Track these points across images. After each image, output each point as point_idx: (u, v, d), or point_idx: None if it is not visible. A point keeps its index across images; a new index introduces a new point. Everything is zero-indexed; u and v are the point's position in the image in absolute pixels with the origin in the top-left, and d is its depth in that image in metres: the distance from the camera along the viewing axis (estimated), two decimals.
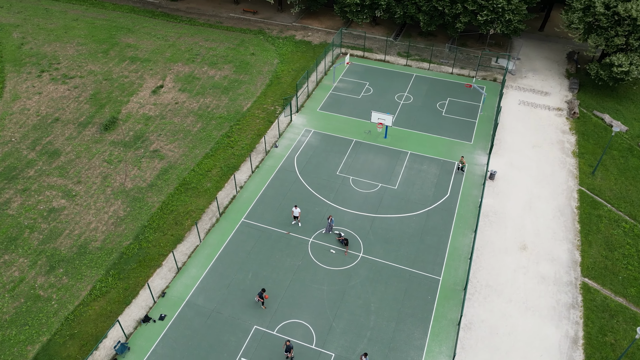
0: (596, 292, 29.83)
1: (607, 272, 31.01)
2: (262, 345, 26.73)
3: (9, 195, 35.03)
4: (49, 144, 39.79)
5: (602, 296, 29.64)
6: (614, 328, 27.99)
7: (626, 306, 29.18)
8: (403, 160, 39.30)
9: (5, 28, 56.13)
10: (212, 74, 49.11)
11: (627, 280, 30.54)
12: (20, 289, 28.94)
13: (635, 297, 29.68)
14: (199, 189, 36.03)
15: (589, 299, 29.44)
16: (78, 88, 46.52)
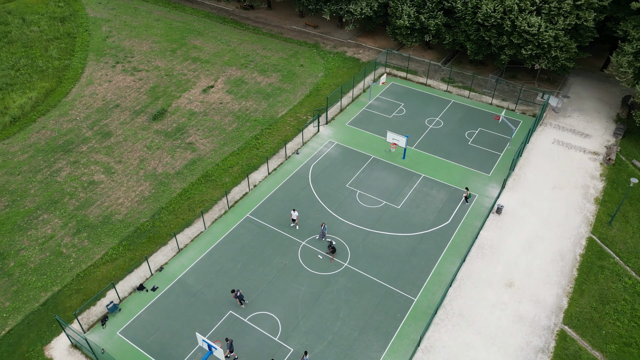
0: (572, 342, 29.09)
1: (590, 324, 30.04)
2: (232, 329, 29.39)
3: (61, 165, 40.90)
4: (105, 126, 45.62)
5: (577, 347, 28.87)
6: None
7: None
8: (414, 182, 40.26)
9: (98, 22, 64.26)
10: (259, 80, 52.99)
11: (610, 336, 29.40)
12: (49, 244, 34.07)
13: (614, 354, 28.54)
14: (217, 182, 39.64)
15: (562, 346, 28.82)
16: (142, 80, 52.48)
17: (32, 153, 42.11)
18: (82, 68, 54.25)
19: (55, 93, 50.02)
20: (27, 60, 54.53)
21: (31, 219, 35.89)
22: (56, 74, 52.69)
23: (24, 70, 52.69)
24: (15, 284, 31.36)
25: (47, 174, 39.96)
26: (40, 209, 36.80)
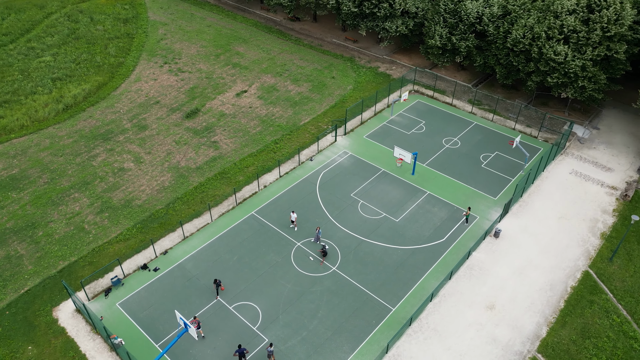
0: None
1: (566, 356, 29.85)
2: (216, 314, 31.89)
3: (99, 151, 45.49)
4: (143, 120, 50.04)
5: None
6: None
7: None
8: (418, 198, 41.23)
9: (156, 25, 69.91)
10: (290, 89, 55.80)
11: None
12: (74, 219, 38.27)
13: None
14: (231, 180, 42.58)
15: None
16: (183, 81, 56.82)
17: (76, 138, 47.10)
18: (133, 66, 59.49)
19: (106, 87, 55.31)
20: (87, 55, 60.59)
21: (64, 196, 40.40)
22: (110, 70, 58.18)
23: (83, 65, 58.61)
24: (39, 251, 35.64)
25: (85, 158, 44.64)
26: (74, 188, 41.30)
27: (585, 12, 43.99)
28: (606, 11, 42.59)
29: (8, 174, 42.49)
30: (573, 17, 44.08)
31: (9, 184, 41.48)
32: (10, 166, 43.40)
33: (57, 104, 51.26)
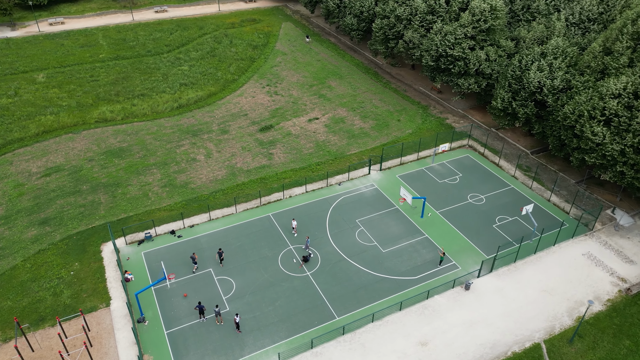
0: None
1: None
2: (203, 278, 40.45)
3: (185, 143, 58.17)
4: (228, 126, 61.88)
5: None
6: None
7: None
8: (414, 238, 44.96)
9: (277, 53, 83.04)
10: (355, 123, 62.92)
11: None
12: (144, 187, 50.71)
13: None
14: (267, 185, 51.28)
15: None
16: (274, 102, 67.84)
17: (175, 130, 60.67)
18: (242, 84, 72.59)
19: (214, 96, 68.98)
20: (213, 70, 75.65)
21: (146, 169, 53.39)
22: (223, 84, 72.06)
23: (206, 77, 73.55)
24: (113, 203, 48.49)
25: (173, 145, 57.65)
26: (155, 165, 54.15)
27: (631, 97, 43.25)
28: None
29: (119, 146, 57.32)
30: (617, 101, 43.67)
31: (116, 152, 56.11)
32: (123, 141, 58.36)
33: (174, 103, 66.10)
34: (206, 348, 35.14)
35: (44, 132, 59.45)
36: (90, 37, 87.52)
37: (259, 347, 35.23)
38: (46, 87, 69.60)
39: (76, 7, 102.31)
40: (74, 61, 77.81)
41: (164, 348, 35.11)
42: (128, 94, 68.16)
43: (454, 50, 59.87)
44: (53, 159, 54.75)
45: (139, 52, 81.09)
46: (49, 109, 63.77)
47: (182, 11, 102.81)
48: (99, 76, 73.00)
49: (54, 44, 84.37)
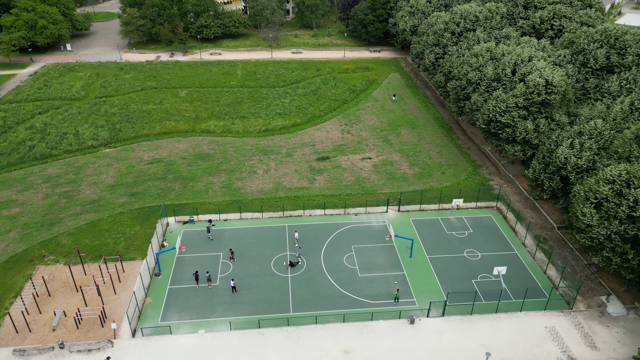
0: None
1: None
2: (213, 259, 52.14)
3: (254, 158, 71.65)
4: (294, 151, 73.80)
5: None
6: None
7: None
8: (392, 272, 50.61)
9: (369, 99, 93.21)
10: (401, 168, 69.50)
11: None
12: (208, 185, 65.04)
13: None
14: (296, 202, 61.40)
15: None
16: (342, 138, 77.88)
17: (252, 148, 74.83)
18: (325, 120, 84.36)
19: (296, 127, 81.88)
20: (307, 105, 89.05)
21: (216, 172, 67.98)
22: (309, 118, 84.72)
23: (299, 110, 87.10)
24: (181, 192, 63.66)
25: (245, 159, 71.63)
26: (224, 170, 68.53)
27: (624, 185, 43.27)
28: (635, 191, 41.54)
29: (207, 152, 73.40)
30: (609, 186, 44.02)
31: (203, 156, 72.15)
32: (212, 149, 74.40)
33: (263, 127, 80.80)
34: (188, 304, 46.55)
35: (163, 132, 78.98)
36: (232, 67, 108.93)
37: (221, 316, 45.40)
38: (182, 101, 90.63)
39: (235, 42, 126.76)
40: (211, 84, 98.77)
41: (162, 296, 47.51)
42: (233, 115, 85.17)
43: (504, 117, 63.18)
44: (160, 153, 73.08)
45: (259, 84, 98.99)
46: (175, 117, 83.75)
47: (314, 54, 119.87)
48: (221, 98, 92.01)
49: (205, 69, 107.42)
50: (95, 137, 76.84)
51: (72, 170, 68.40)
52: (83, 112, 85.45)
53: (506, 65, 67.50)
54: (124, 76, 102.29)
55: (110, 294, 47.39)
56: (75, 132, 78.23)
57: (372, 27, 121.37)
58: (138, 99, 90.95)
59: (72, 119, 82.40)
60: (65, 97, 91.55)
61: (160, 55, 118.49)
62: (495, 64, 70.53)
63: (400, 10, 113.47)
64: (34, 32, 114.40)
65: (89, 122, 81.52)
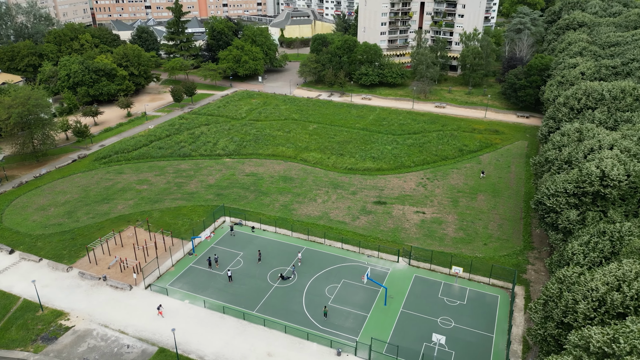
0: None
1: None
2: (229, 254, 64.55)
3: (323, 189, 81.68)
4: (360, 191, 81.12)
5: None
6: None
7: None
8: (358, 311, 54.73)
9: (475, 161, 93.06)
10: (445, 229, 70.31)
11: None
12: (272, 202, 77.89)
13: None
14: (328, 232, 69.21)
15: None
16: (414, 190, 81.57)
17: (328, 180, 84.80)
18: (411, 171, 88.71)
19: (379, 171, 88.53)
20: (404, 155, 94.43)
21: (287, 193, 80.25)
22: (396, 166, 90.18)
23: (393, 158, 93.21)
24: (251, 201, 77.93)
25: (316, 187, 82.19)
26: (293, 194, 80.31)
27: None
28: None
29: (291, 176, 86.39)
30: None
31: (286, 178, 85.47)
32: (297, 174, 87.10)
33: (350, 165, 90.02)
34: (193, 280, 59.86)
35: (272, 154, 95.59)
36: (369, 111, 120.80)
37: (206, 295, 57.25)
38: (305, 133, 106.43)
39: (389, 90, 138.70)
40: (339, 123, 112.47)
41: (182, 269, 62.00)
42: (334, 151, 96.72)
43: (549, 201, 59.56)
44: (258, 169, 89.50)
45: (378, 129, 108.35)
46: (288, 144, 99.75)
47: (455, 110, 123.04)
48: (337, 136, 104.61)
49: (345, 110, 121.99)
50: (225, 148, 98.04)
51: (195, 169, 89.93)
52: (232, 128, 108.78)
53: (581, 149, 62.99)
54: (281, 107, 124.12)
55: (152, 256, 64.20)
56: (215, 142, 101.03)
57: (523, 93, 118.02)
58: (275, 126, 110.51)
59: (221, 133, 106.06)
60: (230, 115, 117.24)
61: (321, 94, 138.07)
62: (576, 145, 65.85)
63: (551, 79, 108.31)
64: (237, 65, 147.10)
65: (230, 137, 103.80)
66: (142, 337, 51.23)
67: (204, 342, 50.70)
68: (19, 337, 51.29)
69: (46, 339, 50.95)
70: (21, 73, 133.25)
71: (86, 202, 78.10)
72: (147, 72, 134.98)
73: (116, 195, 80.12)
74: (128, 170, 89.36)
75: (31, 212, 75.22)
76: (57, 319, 53.75)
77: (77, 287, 58.78)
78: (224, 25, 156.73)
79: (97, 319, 53.84)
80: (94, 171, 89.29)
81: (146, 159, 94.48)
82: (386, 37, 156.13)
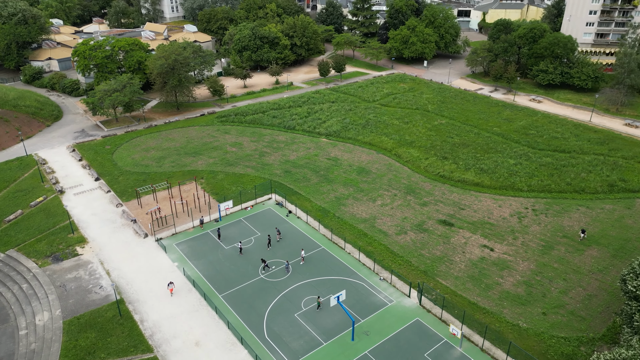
0: None
1: None
2: (246, 231, 61.65)
3: (396, 192, 70.85)
4: (436, 204, 67.62)
5: None
6: None
7: None
8: (318, 335, 46.24)
9: (626, 202, 68.04)
10: (504, 277, 53.38)
11: None
12: (332, 191, 71.25)
13: None
14: (363, 242, 59.99)
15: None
16: (501, 219, 64.05)
17: (405, 184, 73.04)
18: (522, 195, 69.66)
19: (473, 186, 71.88)
20: (526, 176, 74.61)
21: (350, 185, 72.34)
22: (511, 186, 71.85)
23: (507, 174, 74.61)
24: (310, 186, 72.73)
25: (385, 188, 71.78)
26: (356, 188, 71.85)
27: None
28: None
29: (369, 169, 77.33)
30: None
31: (362, 171, 76.93)
32: (376, 169, 77.50)
33: (445, 173, 75.62)
34: (196, 249, 59.18)
35: (369, 143, 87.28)
36: (526, 116, 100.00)
37: (198, 265, 56.05)
38: (424, 128, 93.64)
39: (570, 95, 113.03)
40: (474, 123, 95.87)
41: (197, 233, 62.00)
42: (438, 153, 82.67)
43: None
44: (343, 155, 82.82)
45: (516, 138, 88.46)
46: (394, 136, 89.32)
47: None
48: (457, 137, 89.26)
49: (497, 110, 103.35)
50: (328, 128, 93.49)
51: (288, 142, 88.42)
52: (353, 110, 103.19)
53: None
54: (424, 95, 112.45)
55: (185, 211, 65.96)
56: (325, 120, 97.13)
57: None
58: (398, 114, 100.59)
59: (338, 112, 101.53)
60: (363, 97, 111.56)
61: (483, 89, 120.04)
62: None
63: None
64: (404, 46, 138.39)
65: (342, 117, 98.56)
66: (117, 284, 53.28)
67: (156, 309, 49.95)
68: (41, 249, 59.10)
69: (55, 259, 57.52)
70: (213, 34, 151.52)
71: (180, 152, 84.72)
72: (309, 44, 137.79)
73: (205, 152, 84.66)
74: (233, 132, 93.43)
75: (137, 151, 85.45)
76: (77, 244, 60.05)
77: (112, 223, 64.52)
78: (404, 3, 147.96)
79: (101, 254, 58.20)
80: (208, 127, 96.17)
81: (255, 124, 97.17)
82: (593, 30, 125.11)
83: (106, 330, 47.12)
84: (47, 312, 49.68)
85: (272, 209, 67.57)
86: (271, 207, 67.91)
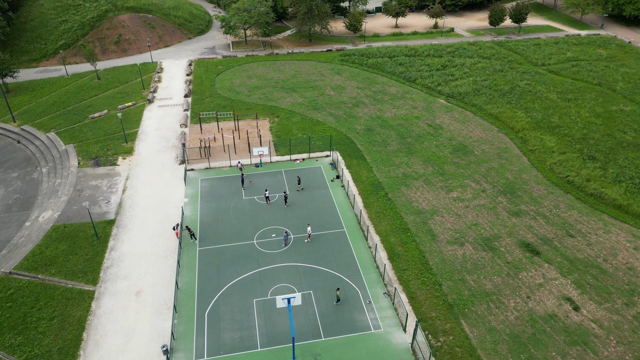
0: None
1: None
2: (272, 178, 52.54)
3: (479, 186, 52.42)
4: (526, 194, 47.81)
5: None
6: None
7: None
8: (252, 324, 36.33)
9: None
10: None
11: None
12: (403, 163, 56.32)
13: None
14: (395, 227, 45.87)
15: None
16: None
17: (509, 180, 53.17)
18: None
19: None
20: None
21: (430, 164, 56.01)
22: None
23: None
24: (386, 152, 58.69)
25: (473, 177, 53.49)
26: (435, 170, 55.23)
27: None
28: None
29: (471, 151, 58.66)
30: None
31: (460, 150, 58.89)
32: (480, 153, 58.30)
33: (553, 169, 52.87)
34: (215, 189, 52.82)
35: (495, 116, 66.90)
36: None
37: (201, 208, 49.93)
38: (599, 113, 67.64)
39: None
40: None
41: (227, 174, 55.38)
42: (592, 150, 58.23)
43: None
44: (451, 126, 65.01)
45: None
46: (541, 114, 66.45)
47: None
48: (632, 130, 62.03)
49: None
50: (454, 88, 74.65)
51: (395, 96, 73.60)
52: (508, 71, 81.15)
53: None
54: (624, 68, 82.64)
55: (239, 148, 59.79)
56: (457, 78, 78.10)
57: None
58: (563, 87, 75.67)
59: (480, 72, 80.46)
60: (530, 58, 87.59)
61: None
62: None
63: None
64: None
65: (483, 78, 77.82)
66: (122, 203, 50.77)
67: (133, 241, 45.71)
68: (92, 151, 59.71)
69: (95, 163, 57.73)
70: None
71: (277, 85, 77.86)
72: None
73: (301, 90, 76.05)
74: (345, 74, 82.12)
75: (241, 77, 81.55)
76: (122, 154, 59.33)
77: (166, 142, 62.27)
78: None
79: (133, 170, 56.32)
80: (325, 64, 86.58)
81: (375, 69, 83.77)
82: None
83: (76, 247, 44.97)
84: (50, 212, 50.03)
85: (322, 168, 56.57)
86: (322, 166, 56.89)
